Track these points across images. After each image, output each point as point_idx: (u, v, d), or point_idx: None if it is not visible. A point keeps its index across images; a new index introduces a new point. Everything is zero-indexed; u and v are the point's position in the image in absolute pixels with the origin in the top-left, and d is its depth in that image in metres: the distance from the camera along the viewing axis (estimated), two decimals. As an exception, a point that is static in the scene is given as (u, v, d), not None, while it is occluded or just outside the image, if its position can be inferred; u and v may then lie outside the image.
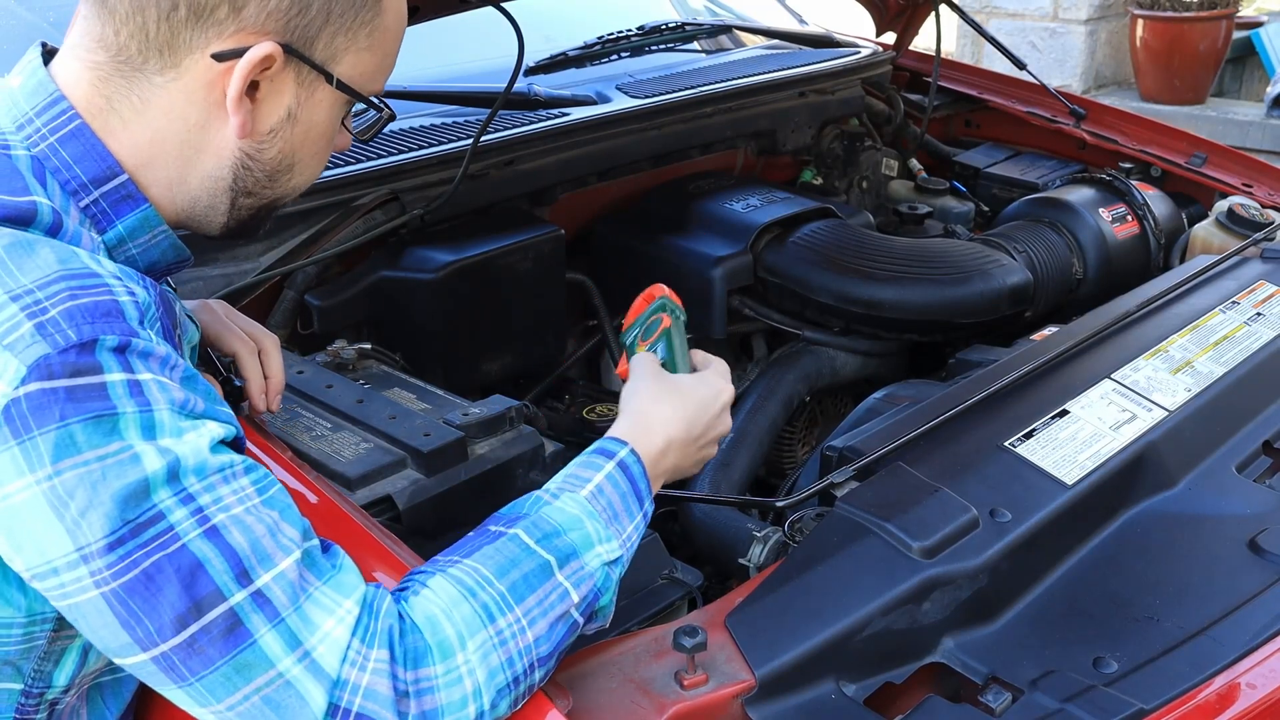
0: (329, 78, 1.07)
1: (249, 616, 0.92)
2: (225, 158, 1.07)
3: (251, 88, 1.04)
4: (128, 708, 1.19)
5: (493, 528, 1.07)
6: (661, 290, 1.32)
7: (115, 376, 0.91)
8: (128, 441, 0.91)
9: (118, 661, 0.95)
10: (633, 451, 1.13)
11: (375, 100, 1.14)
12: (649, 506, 1.13)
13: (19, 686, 1.06)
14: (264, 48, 1.01)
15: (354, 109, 1.15)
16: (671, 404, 1.19)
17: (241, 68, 1.01)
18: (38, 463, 0.89)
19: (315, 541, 0.99)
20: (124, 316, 0.94)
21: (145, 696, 1.20)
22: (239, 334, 1.38)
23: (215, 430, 0.96)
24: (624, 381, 1.26)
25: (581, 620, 1.05)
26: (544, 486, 1.11)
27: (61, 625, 1.03)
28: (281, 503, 0.98)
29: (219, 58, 1.02)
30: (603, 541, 1.07)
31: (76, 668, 1.08)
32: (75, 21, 1.06)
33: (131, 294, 0.97)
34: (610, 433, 1.17)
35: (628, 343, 1.32)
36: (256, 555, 0.93)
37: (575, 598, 1.04)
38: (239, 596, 0.92)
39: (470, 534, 1.07)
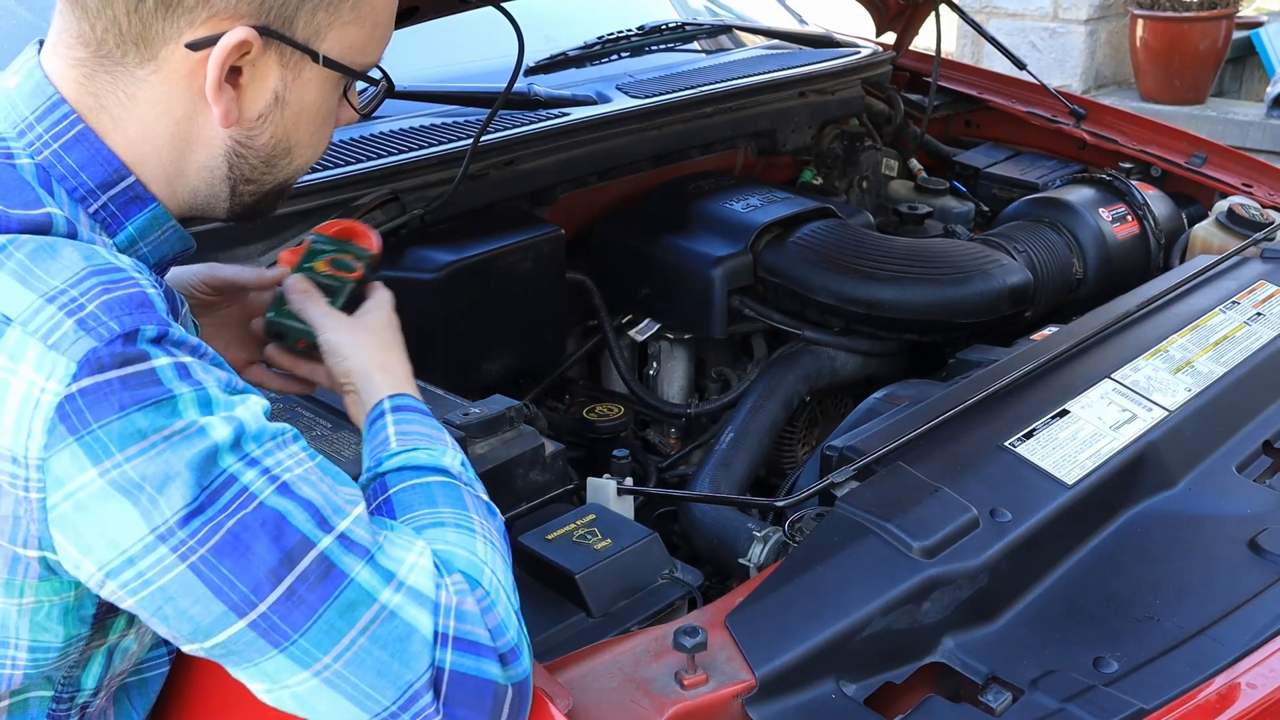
0: (314, 56, 1.03)
1: (340, 558, 0.94)
2: (217, 148, 1.05)
3: (234, 74, 1.01)
4: (152, 708, 1.19)
5: (378, 500, 1.09)
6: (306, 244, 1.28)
7: (163, 361, 0.92)
8: (189, 419, 0.91)
9: (204, 646, 0.94)
10: (391, 395, 1.18)
11: (369, 74, 1.10)
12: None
13: (50, 694, 1.06)
14: (238, 33, 0.98)
15: (359, 83, 1.12)
16: (378, 342, 1.25)
17: (216, 55, 0.98)
18: (103, 453, 0.89)
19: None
20: (155, 307, 0.95)
21: (168, 699, 1.21)
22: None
23: (260, 402, 0.98)
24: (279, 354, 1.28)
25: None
26: (363, 467, 1.14)
27: (93, 636, 1.03)
28: (331, 467, 1.00)
29: (194, 46, 0.98)
30: (445, 453, 1.13)
31: (103, 670, 1.08)
32: (54, 18, 1.03)
33: (156, 286, 0.98)
34: (374, 396, 1.19)
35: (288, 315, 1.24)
36: (330, 506, 0.96)
37: (480, 492, 1.12)
38: (326, 541, 0.94)
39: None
